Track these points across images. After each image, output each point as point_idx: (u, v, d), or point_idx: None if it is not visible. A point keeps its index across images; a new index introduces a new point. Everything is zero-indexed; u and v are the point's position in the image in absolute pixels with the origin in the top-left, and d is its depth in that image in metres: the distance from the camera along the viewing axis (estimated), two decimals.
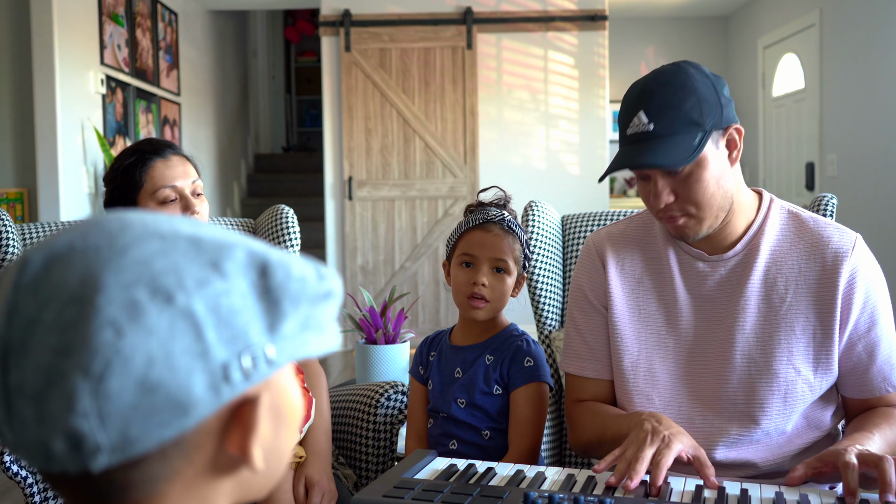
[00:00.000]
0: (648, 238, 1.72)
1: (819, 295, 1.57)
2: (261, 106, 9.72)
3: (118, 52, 5.19)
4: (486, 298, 1.77)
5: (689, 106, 1.48)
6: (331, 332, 0.68)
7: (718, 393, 1.59)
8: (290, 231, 2.40)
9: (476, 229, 1.80)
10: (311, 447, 1.90)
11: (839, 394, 1.63)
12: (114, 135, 5.13)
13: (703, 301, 1.63)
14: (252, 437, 0.62)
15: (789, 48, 6.94)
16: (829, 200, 2.16)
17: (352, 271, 6.34)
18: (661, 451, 1.36)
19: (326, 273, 0.68)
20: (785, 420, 1.55)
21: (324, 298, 0.66)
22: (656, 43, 8.43)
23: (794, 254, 1.60)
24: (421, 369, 1.92)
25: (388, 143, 6.31)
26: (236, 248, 0.62)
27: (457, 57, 6.28)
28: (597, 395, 1.73)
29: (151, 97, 5.76)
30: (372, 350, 2.50)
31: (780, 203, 1.67)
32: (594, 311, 1.73)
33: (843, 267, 1.57)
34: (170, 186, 1.88)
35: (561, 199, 6.19)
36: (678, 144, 1.47)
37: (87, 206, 4.81)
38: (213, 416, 0.60)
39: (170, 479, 0.61)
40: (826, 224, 1.63)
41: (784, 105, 7.09)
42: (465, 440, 1.79)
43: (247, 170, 8.84)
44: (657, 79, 1.52)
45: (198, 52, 6.99)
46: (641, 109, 1.49)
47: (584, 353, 1.74)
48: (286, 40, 11.06)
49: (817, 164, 6.38)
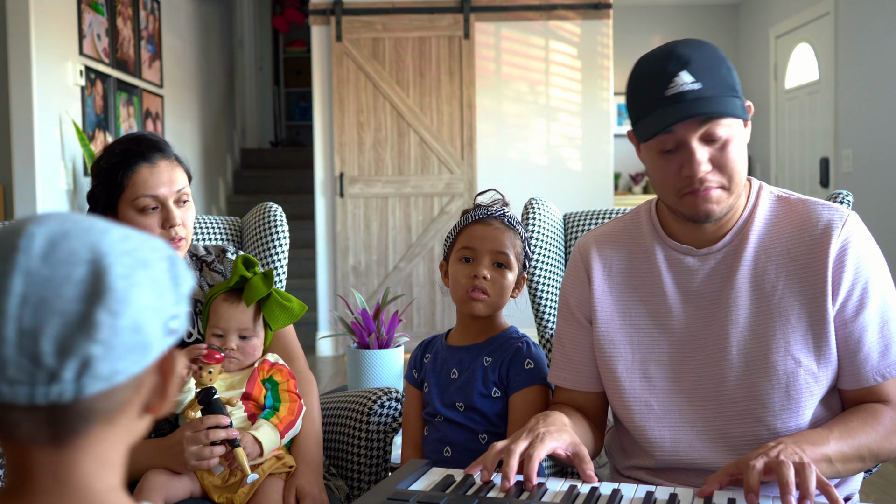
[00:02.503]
0: (636, 237, 1.72)
1: (809, 275, 1.55)
2: (247, 98, 9.71)
3: (98, 41, 5.19)
4: (486, 292, 1.78)
5: (725, 72, 1.51)
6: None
7: (717, 392, 1.58)
8: (279, 230, 2.40)
9: (476, 223, 1.82)
10: (301, 456, 1.90)
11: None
12: (93, 129, 5.13)
13: (694, 297, 1.63)
14: (170, 381, 0.84)
15: (803, 38, 6.95)
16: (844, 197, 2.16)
17: (343, 272, 6.34)
18: (534, 445, 1.43)
19: None
20: (792, 416, 1.54)
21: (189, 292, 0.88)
22: (663, 32, 8.44)
23: (783, 238, 1.59)
24: (415, 372, 1.93)
25: (381, 138, 6.31)
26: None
27: (453, 47, 6.28)
28: (572, 403, 1.76)
29: (133, 89, 5.76)
30: (364, 355, 2.50)
31: (769, 189, 1.67)
32: (577, 323, 1.75)
33: (833, 240, 1.55)
34: (151, 196, 1.87)
35: (563, 196, 6.19)
36: (728, 104, 1.48)
37: (65, 203, 4.80)
38: (155, 359, 0.81)
39: (121, 410, 0.80)
40: (816, 203, 1.62)
41: (797, 97, 7.10)
42: (460, 446, 1.79)
43: (233, 165, 8.84)
44: (688, 44, 1.52)
45: (181, 42, 6.98)
46: (684, 70, 1.48)
47: (563, 363, 1.77)
48: (274, 29, 11.05)
49: (832, 159, 6.39)
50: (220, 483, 1.79)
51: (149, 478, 1.74)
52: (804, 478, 1.30)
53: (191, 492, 1.78)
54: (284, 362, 1.95)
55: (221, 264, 2.08)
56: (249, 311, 1.90)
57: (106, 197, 1.89)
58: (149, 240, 0.83)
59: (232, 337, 1.88)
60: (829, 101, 6.42)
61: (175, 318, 0.82)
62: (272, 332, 1.96)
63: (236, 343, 1.88)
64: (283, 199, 7.91)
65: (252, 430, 1.81)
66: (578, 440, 1.50)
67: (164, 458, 1.75)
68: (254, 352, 1.91)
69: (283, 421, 1.85)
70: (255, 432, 1.80)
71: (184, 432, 1.74)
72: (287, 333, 2.06)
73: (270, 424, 1.83)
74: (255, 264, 1.93)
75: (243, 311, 1.89)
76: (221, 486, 1.78)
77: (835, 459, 1.46)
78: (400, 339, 2.60)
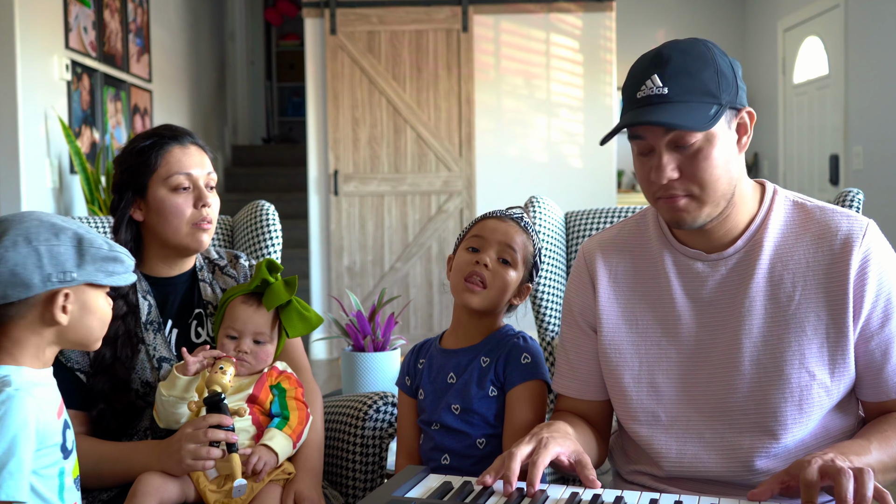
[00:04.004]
0: (642, 242, 1.72)
1: (829, 288, 1.55)
2: (239, 94, 9.71)
3: (84, 35, 5.18)
4: (484, 282, 1.78)
5: (707, 76, 1.49)
6: (118, 279, 1.54)
7: (727, 403, 1.58)
8: (271, 229, 2.40)
9: (492, 218, 1.85)
10: (301, 463, 1.91)
11: (857, 397, 1.62)
12: (80, 124, 5.12)
13: (704, 305, 1.62)
14: (56, 307, 1.46)
15: (812, 31, 6.96)
16: (854, 196, 2.16)
17: (337, 272, 6.34)
18: (538, 451, 1.44)
19: (117, 248, 1.55)
20: (803, 430, 1.55)
21: (112, 259, 1.52)
22: (667, 25, 8.45)
23: (801, 247, 1.59)
24: (408, 380, 1.92)
25: (376, 134, 6.31)
26: (68, 230, 1.49)
27: (451, 40, 6.28)
28: (575, 412, 1.76)
29: (120, 84, 5.76)
30: (359, 358, 2.49)
31: (785, 193, 1.66)
32: (580, 331, 1.75)
33: (854, 253, 1.55)
34: (185, 174, 1.93)
35: (564, 194, 6.19)
36: (694, 111, 1.47)
37: (51, 202, 4.80)
38: (43, 293, 1.45)
39: (16, 320, 1.47)
40: (834, 211, 1.61)
41: (806, 93, 7.10)
42: (458, 453, 1.79)
43: (224, 163, 8.84)
44: (675, 46, 1.53)
45: (171, 36, 6.98)
46: (655, 73, 1.49)
47: (567, 371, 1.77)
48: (266, 22, 11.05)
49: (842, 156, 6.39)
50: (216, 488, 1.78)
51: (142, 481, 1.74)
52: (861, 483, 1.29)
53: (185, 496, 1.78)
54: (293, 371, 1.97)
55: (234, 269, 2.11)
56: (268, 316, 1.92)
57: (136, 179, 1.93)
58: (52, 227, 1.48)
59: (246, 340, 1.89)
60: (839, 97, 6.42)
61: (63, 273, 1.46)
62: (284, 342, 1.97)
63: (250, 346, 1.89)
64: (276, 197, 7.89)
65: (265, 440, 1.82)
66: (581, 448, 1.50)
67: (160, 457, 1.76)
68: (266, 357, 1.92)
69: (296, 431, 1.87)
70: (269, 442, 1.81)
71: (184, 429, 1.76)
72: (295, 343, 2.09)
73: (283, 434, 1.84)
74: (279, 269, 1.96)
75: (262, 314, 1.91)
76: (217, 490, 1.78)
77: (877, 470, 1.45)
78: (396, 342, 2.59)
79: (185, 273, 2.04)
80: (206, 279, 2.06)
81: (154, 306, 1.98)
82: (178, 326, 2.00)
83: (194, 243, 1.95)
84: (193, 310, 2.03)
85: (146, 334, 1.95)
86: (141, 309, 1.95)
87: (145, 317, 1.96)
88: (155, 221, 1.94)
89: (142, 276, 1.99)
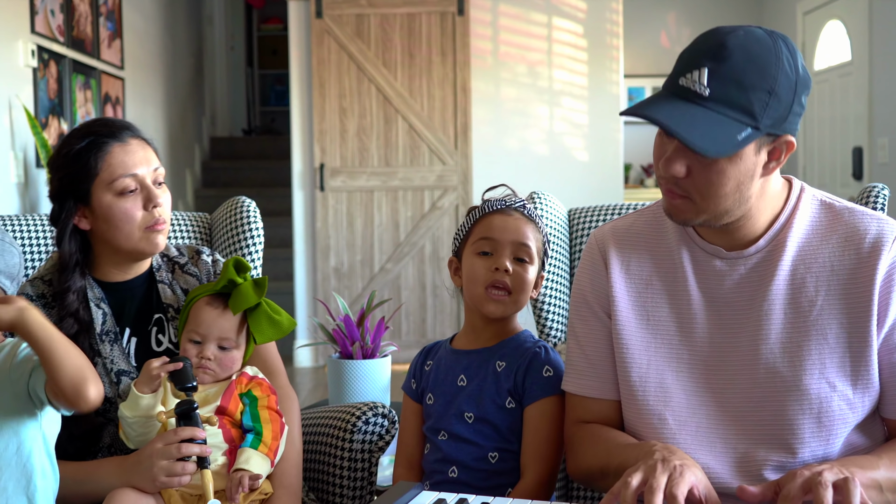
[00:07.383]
0: (659, 234, 1.72)
1: (852, 293, 1.55)
2: (217, 81, 9.70)
3: (51, 18, 5.17)
4: (508, 289, 1.78)
5: (757, 96, 1.46)
6: None
7: (742, 412, 1.58)
8: (252, 227, 2.39)
9: (495, 213, 1.84)
10: (279, 481, 1.89)
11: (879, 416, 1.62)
12: (46, 115, 5.11)
13: (721, 304, 1.62)
14: None
15: (833, 14, 6.97)
16: (879, 191, 2.16)
17: (324, 274, 6.34)
18: (675, 480, 1.37)
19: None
20: (824, 445, 1.54)
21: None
22: (678, 7, 8.45)
23: (826, 249, 1.59)
24: (413, 383, 1.92)
25: (365, 125, 6.31)
26: None
27: (446, 24, 6.28)
28: (600, 417, 1.73)
29: (90, 71, 5.74)
30: (347, 366, 2.49)
31: (812, 192, 1.66)
32: (596, 319, 1.73)
33: (882, 258, 1.55)
34: (130, 175, 1.88)
35: (567, 189, 6.19)
36: (721, 128, 1.45)
37: (15, 197, 4.78)
38: None
39: None
40: (864, 214, 1.61)
41: (828, 80, 7.11)
42: (467, 466, 1.78)
43: (201, 156, 8.82)
44: (745, 41, 1.48)
45: (144, 19, 6.97)
46: (707, 67, 1.47)
47: (585, 369, 1.74)
48: (247, 5, 11.04)
49: (866, 149, 6.40)
50: None
51: (113, 499, 1.73)
52: (847, 492, 1.30)
53: None
54: (265, 376, 1.95)
55: (196, 266, 2.06)
56: (234, 319, 1.89)
57: (76, 185, 1.88)
58: None
59: (210, 345, 1.87)
60: (862, 85, 6.43)
61: None
62: (253, 346, 1.95)
63: (214, 353, 1.87)
64: (257, 192, 7.88)
65: (241, 463, 1.79)
66: (707, 480, 1.46)
67: (129, 474, 1.75)
68: (232, 364, 1.90)
69: (271, 448, 1.84)
70: (245, 465, 1.79)
71: (154, 444, 1.74)
72: (267, 346, 2.05)
73: (259, 454, 1.81)
74: (248, 269, 1.92)
75: (228, 318, 1.89)
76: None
77: (885, 487, 1.45)
78: (387, 349, 2.59)
79: (142, 275, 2.00)
80: (165, 280, 2.02)
81: (109, 315, 1.94)
82: (136, 335, 1.97)
83: (150, 247, 1.92)
84: (153, 315, 1.99)
85: (102, 346, 1.91)
86: (95, 319, 1.92)
87: (100, 327, 1.92)
88: (104, 229, 1.89)
89: (94, 283, 1.95)
